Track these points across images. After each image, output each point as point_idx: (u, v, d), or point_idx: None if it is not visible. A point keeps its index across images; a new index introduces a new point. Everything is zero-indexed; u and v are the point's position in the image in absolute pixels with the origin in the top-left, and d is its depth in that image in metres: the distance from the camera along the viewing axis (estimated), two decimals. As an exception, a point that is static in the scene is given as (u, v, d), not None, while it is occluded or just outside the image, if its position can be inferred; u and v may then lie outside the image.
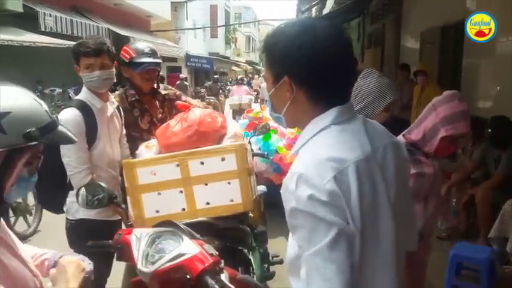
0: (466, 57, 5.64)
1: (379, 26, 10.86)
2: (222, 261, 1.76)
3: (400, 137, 2.06)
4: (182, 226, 1.82)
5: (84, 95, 2.50)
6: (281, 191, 1.12)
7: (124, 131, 2.77)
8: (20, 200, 4.52)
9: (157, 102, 3.04)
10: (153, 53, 2.92)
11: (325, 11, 14.48)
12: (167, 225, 1.85)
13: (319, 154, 1.08)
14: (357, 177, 1.05)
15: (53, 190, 2.45)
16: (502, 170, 3.92)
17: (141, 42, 3.12)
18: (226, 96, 17.97)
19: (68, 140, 1.29)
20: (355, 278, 1.05)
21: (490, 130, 4.10)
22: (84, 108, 2.40)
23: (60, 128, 1.25)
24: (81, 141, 2.35)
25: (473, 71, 5.54)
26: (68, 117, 2.34)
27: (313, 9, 16.13)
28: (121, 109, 2.76)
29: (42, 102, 1.24)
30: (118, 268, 2.64)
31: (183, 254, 1.64)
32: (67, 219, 2.51)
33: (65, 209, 2.52)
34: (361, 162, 1.08)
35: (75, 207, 2.41)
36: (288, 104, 1.16)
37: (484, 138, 4.23)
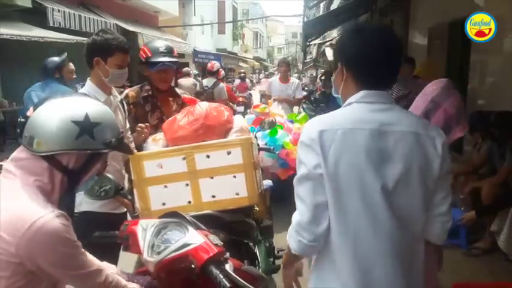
0: (473, 53, 5.60)
1: (387, 22, 10.78)
2: (228, 252, 1.79)
3: None
4: (187, 217, 1.85)
5: (87, 88, 2.48)
6: None
7: (128, 125, 2.78)
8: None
9: (174, 104, 3.04)
10: (168, 52, 2.93)
11: (333, 6, 14.41)
12: (173, 216, 1.88)
13: (324, 118, 1.45)
14: (342, 139, 1.35)
15: None
16: (508, 165, 3.91)
17: (158, 41, 3.11)
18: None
19: (130, 151, 1.67)
20: (331, 220, 1.37)
21: (493, 126, 4.08)
22: None
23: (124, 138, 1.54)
24: None
25: (481, 67, 5.51)
26: None
27: (321, 5, 16.05)
28: (124, 103, 2.77)
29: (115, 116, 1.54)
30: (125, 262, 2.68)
31: (188, 244, 1.66)
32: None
33: None
34: (354, 131, 1.36)
35: (78, 200, 2.37)
36: (342, 85, 1.52)
37: (491, 133, 4.21)
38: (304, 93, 16.15)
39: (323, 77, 17.45)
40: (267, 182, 3.30)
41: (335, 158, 1.34)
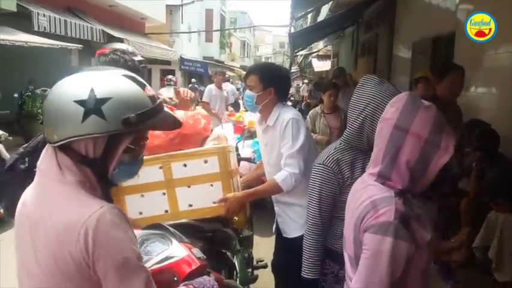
0: (455, 68, 5.68)
1: (372, 35, 10.92)
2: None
3: (372, 187, 1.42)
4: (171, 229, 1.83)
5: None
6: (283, 127, 2.50)
7: None
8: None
9: None
10: None
11: (320, 18, 14.55)
12: (157, 228, 1.86)
13: (292, 110, 2.65)
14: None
15: None
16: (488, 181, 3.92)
17: None
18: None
19: (174, 124, 1.29)
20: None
21: (477, 142, 4.02)
22: None
23: (165, 112, 1.25)
24: None
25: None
26: None
27: (309, 16, 16.20)
28: None
29: (148, 87, 1.24)
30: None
31: (171, 257, 1.65)
32: None
33: None
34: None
35: None
36: (267, 100, 2.60)
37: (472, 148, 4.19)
38: (289, 103, 16.25)
39: (309, 88, 17.54)
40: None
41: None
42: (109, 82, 1.15)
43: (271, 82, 2.59)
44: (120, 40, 12.87)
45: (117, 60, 2.32)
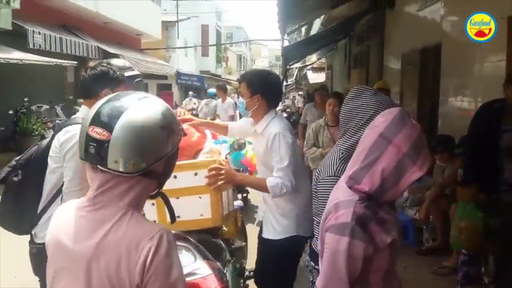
0: (443, 78, 5.80)
1: (364, 47, 11.06)
2: None
3: (341, 188, 1.51)
4: (195, 243, 1.79)
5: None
6: (270, 141, 2.56)
7: None
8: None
9: None
10: None
11: (313, 31, 14.72)
12: (180, 240, 1.82)
13: (281, 123, 2.66)
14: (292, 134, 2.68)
15: (27, 207, 2.35)
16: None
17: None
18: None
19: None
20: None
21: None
22: None
23: None
24: None
25: (450, 92, 5.69)
26: None
27: (303, 29, 16.38)
28: None
29: None
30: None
31: (195, 274, 1.65)
32: (34, 243, 2.35)
33: (33, 232, 2.37)
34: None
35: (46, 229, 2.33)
36: (256, 106, 2.67)
37: (457, 155, 4.33)
38: (285, 114, 16.35)
39: (304, 99, 17.59)
40: (238, 203, 3.34)
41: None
42: (164, 106, 1.29)
43: (258, 89, 2.66)
44: (116, 56, 12.99)
45: (107, 72, 2.37)
